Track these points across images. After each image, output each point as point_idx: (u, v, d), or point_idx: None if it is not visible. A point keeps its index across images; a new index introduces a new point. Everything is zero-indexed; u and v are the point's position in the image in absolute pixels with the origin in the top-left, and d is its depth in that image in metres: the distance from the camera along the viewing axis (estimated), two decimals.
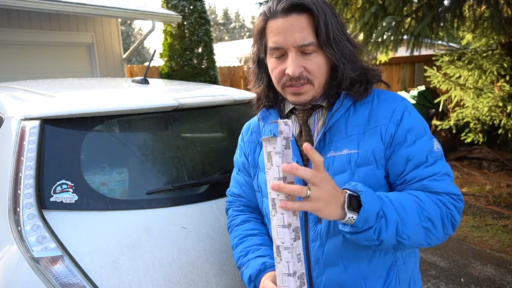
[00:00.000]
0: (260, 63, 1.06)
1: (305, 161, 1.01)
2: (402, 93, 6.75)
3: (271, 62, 0.99)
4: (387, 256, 0.98)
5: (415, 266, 1.07)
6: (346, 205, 0.79)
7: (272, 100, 1.08)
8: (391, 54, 5.31)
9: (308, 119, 1.03)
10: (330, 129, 0.98)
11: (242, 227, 1.14)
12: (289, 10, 0.91)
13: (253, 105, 1.14)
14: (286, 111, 1.07)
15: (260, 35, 0.99)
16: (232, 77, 9.59)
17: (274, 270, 0.93)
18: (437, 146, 0.96)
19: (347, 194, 0.80)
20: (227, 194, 1.27)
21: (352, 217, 0.79)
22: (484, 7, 4.56)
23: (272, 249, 0.99)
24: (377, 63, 5.39)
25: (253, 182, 1.17)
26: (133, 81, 2.09)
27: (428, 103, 6.51)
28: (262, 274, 0.98)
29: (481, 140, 5.14)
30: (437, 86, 5.52)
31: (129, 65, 7.78)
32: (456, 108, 5.44)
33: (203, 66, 6.89)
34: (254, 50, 1.05)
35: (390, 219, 0.82)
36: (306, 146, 0.74)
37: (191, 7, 6.69)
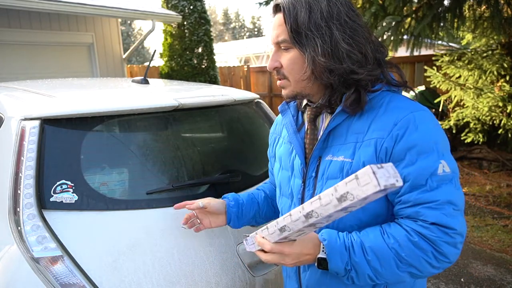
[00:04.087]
0: None
1: (307, 159, 1.01)
2: (402, 93, 6.74)
3: None
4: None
5: (415, 281, 1.01)
6: (316, 265, 0.90)
7: None
8: (391, 54, 5.31)
9: (317, 117, 1.03)
10: (334, 132, 0.96)
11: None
12: (274, 10, 0.98)
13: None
14: (302, 107, 1.09)
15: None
16: (232, 77, 9.60)
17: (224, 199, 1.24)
18: (444, 168, 0.84)
19: (317, 258, 0.89)
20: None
21: (320, 267, 0.90)
22: (484, 7, 4.56)
23: (260, 201, 1.29)
24: None
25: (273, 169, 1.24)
26: (133, 81, 2.09)
27: (428, 103, 6.50)
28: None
29: (481, 140, 5.14)
30: (437, 86, 5.52)
31: (129, 65, 7.79)
32: (456, 108, 5.44)
33: (203, 66, 6.89)
34: None
35: (360, 271, 0.87)
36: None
37: (191, 7, 6.70)
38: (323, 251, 0.89)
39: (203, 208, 1.20)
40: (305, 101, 1.05)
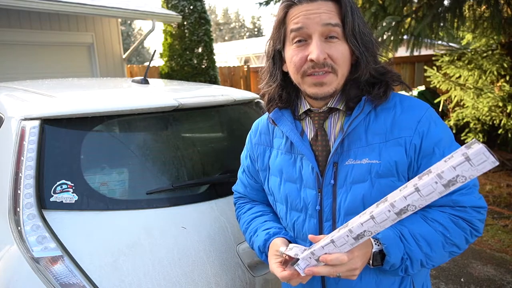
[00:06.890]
0: (275, 58, 1.00)
1: (320, 166, 0.97)
2: (402, 93, 6.75)
3: (290, 50, 0.93)
4: None
5: (428, 271, 1.06)
6: (371, 262, 0.87)
7: (285, 101, 1.03)
8: (391, 54, 5.30)
9: (324, 122, 0.98)
10: (349, 136, 0.94)
11: (248, 213, 1.19)
12: None
13: (263, 106, 1.12)
14: (300, 113, 1.02)
15: (280, 25, 0.95)
16: (232, 77, 9.60)
17: (279, 236, 1.01)
18: None
19: (372, 252, 0.87)
20: (233, 190, 1.30)
21: (375, 264, 0.88)
22: (484, 7, 4.56)
23: (276, 220, 1.11)
24: None
25: (264, 185, 1.14)
26: (133, 81, 2.09)
27: (428, 103, 6.50)
28: (268, 242, 1.03)
29: (481, 140, 5.13)
30: (437, 86, 5.52)
31: (129, 65, 7.79)
32: (456, 108, 5.44)
33: (203, 66, 6.89)
34: (270, 44, 1.01)
35: (415, 258, 0.87)
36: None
37: (191, 7, 6.70)
38: (376, 245, 0.87)
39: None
40: (306, 107, 1.01)
